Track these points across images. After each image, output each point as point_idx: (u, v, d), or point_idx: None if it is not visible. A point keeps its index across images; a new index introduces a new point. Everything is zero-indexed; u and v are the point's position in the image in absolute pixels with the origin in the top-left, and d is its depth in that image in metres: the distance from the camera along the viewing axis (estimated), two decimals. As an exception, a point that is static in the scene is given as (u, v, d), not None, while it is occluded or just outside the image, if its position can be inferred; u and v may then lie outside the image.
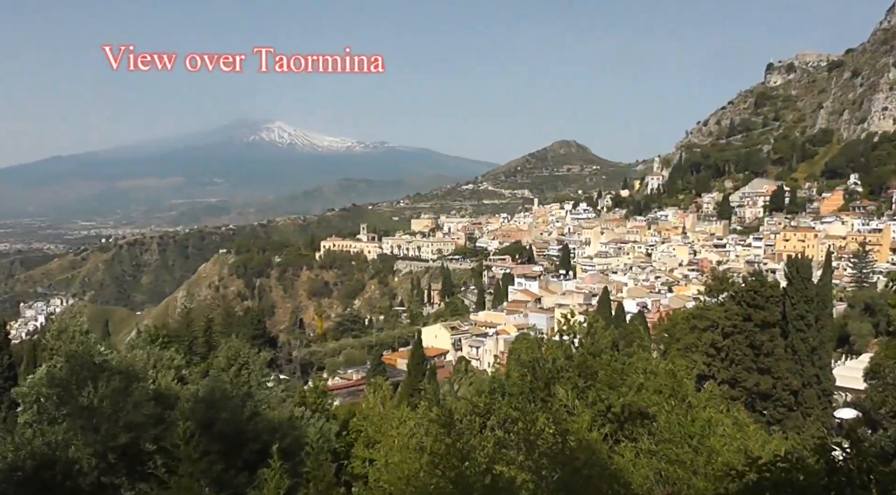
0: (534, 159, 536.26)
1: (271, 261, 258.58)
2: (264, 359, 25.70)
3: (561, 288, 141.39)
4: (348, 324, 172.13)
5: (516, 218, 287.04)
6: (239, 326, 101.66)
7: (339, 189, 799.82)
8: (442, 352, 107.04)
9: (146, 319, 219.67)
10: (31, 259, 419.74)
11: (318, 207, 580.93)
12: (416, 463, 10.66)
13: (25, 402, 19.48)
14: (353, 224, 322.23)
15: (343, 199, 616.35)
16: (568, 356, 19.45)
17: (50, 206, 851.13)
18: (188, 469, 10.44)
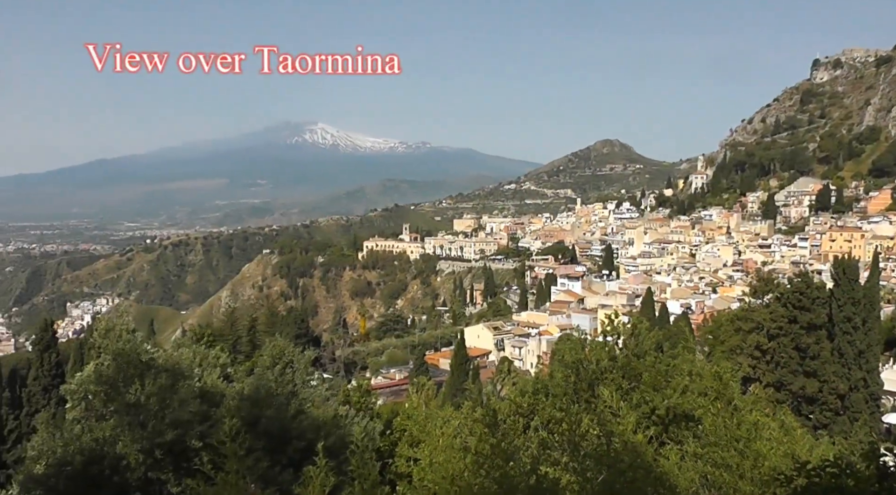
0: (576, 158, 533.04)
1: (314, 261, 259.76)
2: (308, 358, 25.85)
3: (604, 288, 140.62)
4: (391, 323, 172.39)
5: (559, 218, 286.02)
6: (282, 326, 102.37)
7: (382, 189, 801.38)
8: (484, 352, 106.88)
9: (191, 319, 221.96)
10: (77, 260, 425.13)
11: (361, 208, 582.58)
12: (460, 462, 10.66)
13: (74, 399, 19.76)
14: (396, 224, 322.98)
15: (385, 200, 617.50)
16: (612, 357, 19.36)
17: (96, 208, 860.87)
18: (234, 465, 10.53)
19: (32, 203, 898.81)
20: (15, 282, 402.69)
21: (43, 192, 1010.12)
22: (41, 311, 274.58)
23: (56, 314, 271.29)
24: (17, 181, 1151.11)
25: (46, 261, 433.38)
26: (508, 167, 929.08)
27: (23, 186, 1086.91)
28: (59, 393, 56.30)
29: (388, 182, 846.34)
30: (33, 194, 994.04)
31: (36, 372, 65.01)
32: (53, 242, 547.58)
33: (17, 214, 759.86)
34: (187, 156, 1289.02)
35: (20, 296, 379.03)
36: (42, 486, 17.40)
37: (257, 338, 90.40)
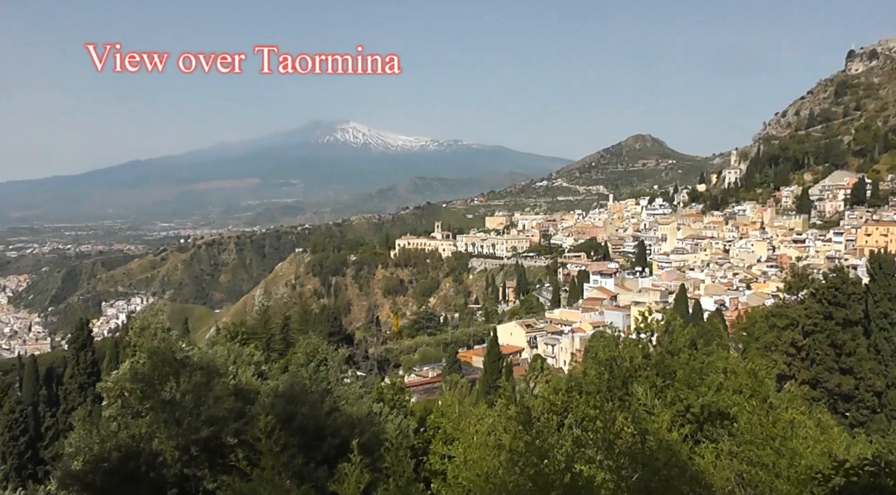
0: (608, 154, 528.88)
1: (347, 259, 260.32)
2: (342, 356, 25.98)
3: (637, 285, 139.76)
4: (423, 321, 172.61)
5: (591, 214, 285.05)
6: (315, 324, 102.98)
7: (413, 187, 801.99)
8: (517, 349, 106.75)
9: (224, 317, 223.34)
10: (112, 259, 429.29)
11: (393, 206, 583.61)
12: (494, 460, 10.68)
13: (110, 396, 19.96)
14: (428, 222, 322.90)
15: (417, 198, 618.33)
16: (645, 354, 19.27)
17: (130, 209, 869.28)
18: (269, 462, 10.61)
19: (68, 204, 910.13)
20: (51, 281, 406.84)
21: (78, 194, 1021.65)
22: (76, 311, 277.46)
23: (91, 313, 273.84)
24: (53, 183, 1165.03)
25: (81, 262, 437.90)
26: (540, 164, 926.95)
27: (58, 188, 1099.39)
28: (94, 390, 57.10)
29: (420, 180, 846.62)
30: (68, 196, 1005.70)
31: (72, 371, 65.79)
32: (88, 243, 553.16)
33: (52, 216, 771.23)
34: (220, 156, 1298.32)
35: (56, 296, 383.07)
36: (79, 482, 17.60)
37: (290, 335, 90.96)
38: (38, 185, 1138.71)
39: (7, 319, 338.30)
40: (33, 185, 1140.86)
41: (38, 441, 57.42)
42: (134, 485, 17.42)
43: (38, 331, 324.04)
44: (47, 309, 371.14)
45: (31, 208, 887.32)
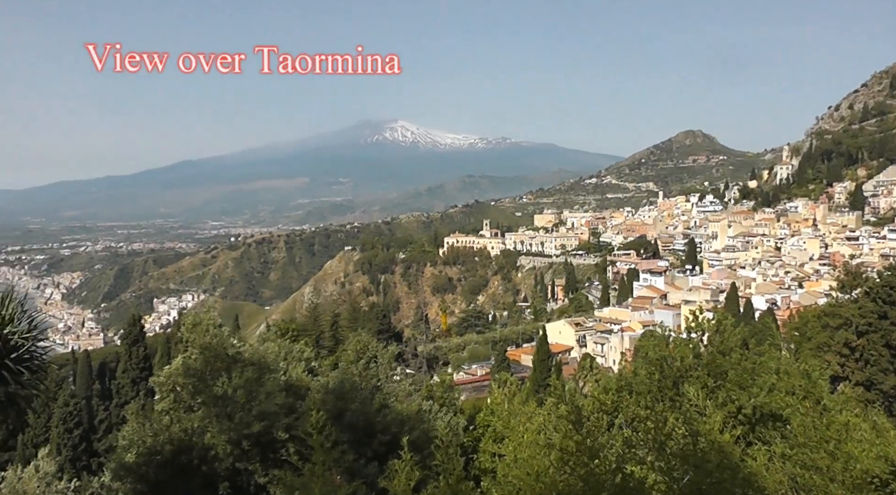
0: (658, 151, 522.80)
1: (395, 257, 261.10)
2: (392, 353, 26.13)
3: (687, 283, 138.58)
4: (472, 319, 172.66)
5: (641, 211, 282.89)
6: (364, 321, 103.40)
7: (462, 186, 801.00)
8: (566, 348, 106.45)
9: (274, 314, 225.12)
10: (163, 257, 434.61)
11: (441, 204, 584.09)
12: (545, 459, 10.66)
13: (162, 391, 20.26)
14: (476, 220, 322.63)
15: (465, 196, 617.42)
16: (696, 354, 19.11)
17: (182, 208, 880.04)
18: (320, 457, 10.69)
19: (120, 204, 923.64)
20: (103, 279, 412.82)
21: (130, 193, 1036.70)
22: (129, 307, 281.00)
23: (143, 310, 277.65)
24: (106, 183, 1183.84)
25: (134, 259, 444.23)
26: (589, 161, 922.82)
27: (111, 188, 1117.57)
28: (147, 385, 58.02)
29: (469, 178, 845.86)
30: (121, 195, 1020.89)
31: (125, 365, 66.81)
32: (140, 241, 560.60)
33: (105, 215, 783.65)
34: (270, 156, 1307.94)
35: (108, 293, 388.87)
36: (133, 474, 17.89)
37: (340, 333, 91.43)
38: (92, 185, 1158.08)
39: (61, 315, 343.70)
40: (87, 185, 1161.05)
41: (91, 433, 58.34)
42: (186, 478, 17.68)
43: (91, 327, 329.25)
44: (100, 305, 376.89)
45: (85, 207, 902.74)
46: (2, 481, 21.59)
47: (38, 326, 12.68)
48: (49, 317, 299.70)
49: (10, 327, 12.17)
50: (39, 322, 12.73)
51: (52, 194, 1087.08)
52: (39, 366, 12.66)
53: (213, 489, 18.04)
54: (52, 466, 23.07)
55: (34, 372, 12.46)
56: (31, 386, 12.52)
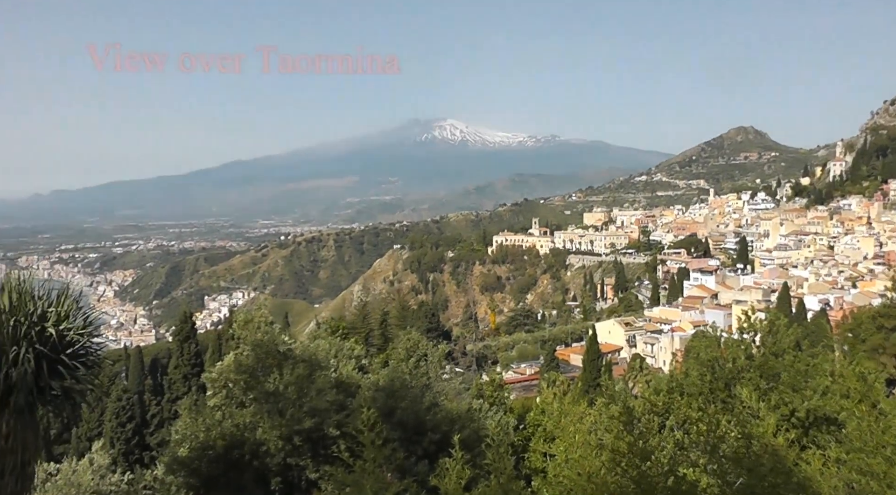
0: (709, 147, 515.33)
1: (444, 256, 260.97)
2: (442, 352, 26.21)
3: (738, 283, 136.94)
4: (521, 318, 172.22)
5: (691, 209, 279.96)
6: (413, 319, 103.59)
7: (511, 184, 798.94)
8: (616, 348, 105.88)
9: (324, 312, 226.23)
10: (214, 256, 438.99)
11: (490, 203, 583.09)
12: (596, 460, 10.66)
13: (214, 387, 20.50)
14: (525, 218, 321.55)
15: (514, 194, 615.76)
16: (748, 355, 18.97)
17: (232, 207, 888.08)
18: (371, 454, 10.76)
19: (172, 203, 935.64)
20: (155, 276, 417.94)
21: (182, 193, 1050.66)
22: (180, 304, 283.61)
23: (194, 307, 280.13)
24: (158, 183, 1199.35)
25: (185, 258, 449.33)
26: (639, 158, 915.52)
27: (163, 188, 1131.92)
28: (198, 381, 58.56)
29: (518, 176, 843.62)
30: (173, 195, 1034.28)
31: (176, 361, 67.58)
32: (191, 239, 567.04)
33: (157, 214, 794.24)
34: (320, 156, 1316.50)
35: (160, 290, 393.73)
36: (186, 468, 18.16)
37: (389, 331, 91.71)
38: (145, 185, 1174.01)
39: (114, 312, 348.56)
40: (140, 185, 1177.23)
41: (143, 428, 59.11)
42: (238, 473, 17.90)
43: (143, 324, 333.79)
44: (152, 302, 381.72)
45: (138, 207, 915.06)
46: (57, 473, 22.00)
47: (93, 323, 12.92)
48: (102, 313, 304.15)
49: (66, 323, 12.40)
50: (94, 319, 12.97)
51: (106, 194, 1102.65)
52: (94, 362, 12.89)
53: (265, 484, 18.24)
54: (106, 459, 23.45)
55: (89, 367, 12.68)
56: (86, 381, 12.75)
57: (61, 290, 12.80)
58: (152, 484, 22.61)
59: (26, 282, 12.49)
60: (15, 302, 12.18)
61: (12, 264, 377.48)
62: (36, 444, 12.55)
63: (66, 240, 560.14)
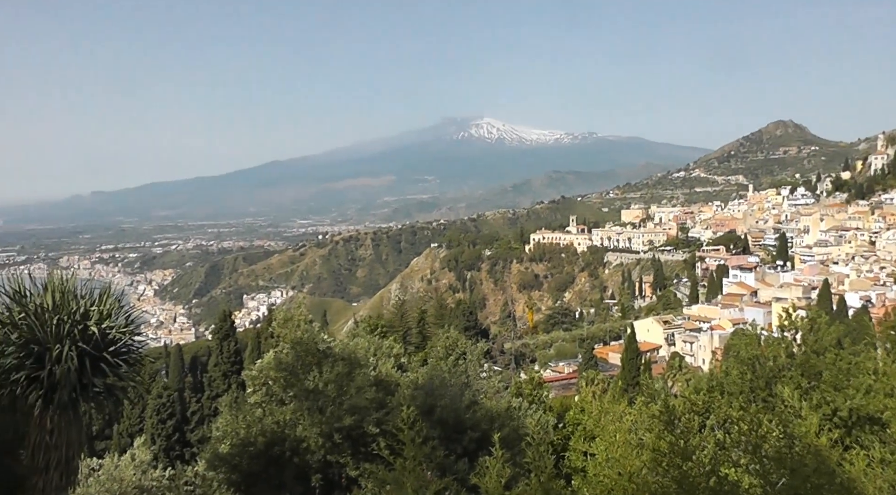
0: (748, 142, 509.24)
1: (481, 254, 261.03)
2: (481, 350, 26.25)
3: (778, 280, 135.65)
4: (559, 316, 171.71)
5: (730, 205, 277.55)
6: (451, 318, 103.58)
7: (548, 181, 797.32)
8: (654, 346, 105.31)
9: (361, 310, 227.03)
10: (253, 255, 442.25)
11: (527, 200, 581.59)
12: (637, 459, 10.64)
13: (254, 384, 20.71)
14: (562, 216, 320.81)
15: (551, 192, 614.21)
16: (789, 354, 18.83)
17: (270, 207, 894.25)
18: (411, 452, 10.81)
19: (210, 203, 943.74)
20: (194, 275, 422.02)
21: (220, 193, 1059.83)
22: (219, 303, 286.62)
23: (233, 305, 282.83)
24: (196, 183, 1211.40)
25: (223, 257, 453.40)
26: (678, 154, 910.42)
27: (201, 188, 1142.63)
28: (238, 378, 59.18)
29: (555, 174, 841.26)
30: (211, 195, 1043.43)
31: (216, 359, 68.24)
32: (230, 239, 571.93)
33: (196, 214, 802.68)
34: (357, 155, 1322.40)
35: (199, 289, 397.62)
36: (227, 464, 18.36)
37: (427, 329, 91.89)
38: (183, 186, 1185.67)
39: (154, 311, 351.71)
40: (178, 186, 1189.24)
41: (184, 424, 59.76)
42: (279, 469, 18.08)
43: (183, 322, 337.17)
44: (191, 301, 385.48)
45: (176, 207, 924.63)
46: (100, 468, 22.30)
47: (134, 321, 13.14)
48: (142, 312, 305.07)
49: (108, 322, 12.62)
50: (135, 317, 13.20)
51: (145, 195, 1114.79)
52: (136, 360, 13.11)
53: (306, 480, 18.41)
54: (148, 455, 23.73)
55: (131, 365, 12.90)
56: (128, 379, 12.97)
57: (103, 289, 13.03)
58: (193, 479, 22.86)
59: (69, 282, 12.71)
60: (58, 301, 12.42)
61: (54, 264, 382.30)
62: (79, 440, 12.77)
63: (106, 241, 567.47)
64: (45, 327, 12.14)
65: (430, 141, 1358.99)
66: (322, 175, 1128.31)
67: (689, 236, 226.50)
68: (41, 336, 12.10)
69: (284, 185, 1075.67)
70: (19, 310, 12.32)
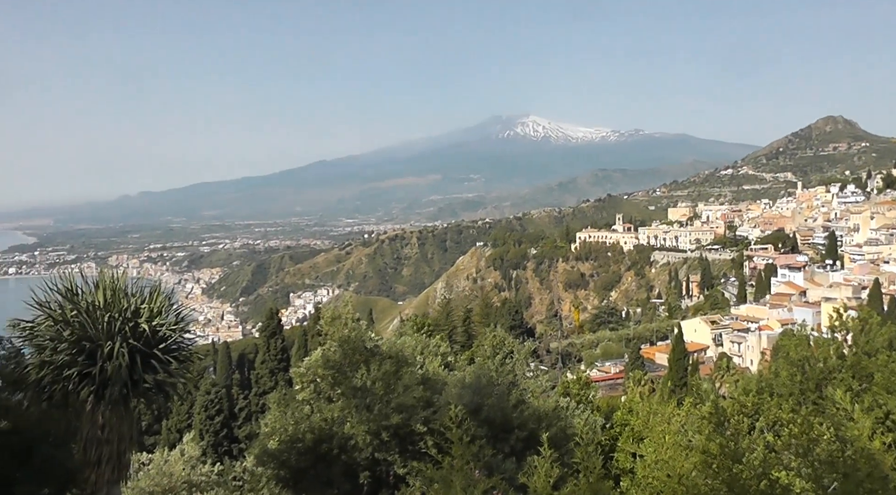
0: (797, 139, 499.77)
1: (527, 253, 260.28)
2: (528, 349, 26.26)
3: (827, 279, 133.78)
4: (605, 316, 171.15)
5: (778, 203, 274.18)
6: (497, 317, 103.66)
7: (594, 179, 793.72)
8: (702, 347, 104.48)
9: (407, 309, 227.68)
10: (299, 254, 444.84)
11: (573, 199, 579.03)
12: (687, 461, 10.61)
13: (302, 381, 20.88)
14: (608, 214, 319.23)
15: (597, 190, 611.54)
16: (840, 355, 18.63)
17: (316, 206, 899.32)
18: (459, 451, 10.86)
19: (257, 203, 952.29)
20: (241, 274, 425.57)
21: (267, 193, 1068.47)
22: (266, 301, 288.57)
23: (280, 304, 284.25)
24: (243, 184, 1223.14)
25: (270, 256, 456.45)
26: (725, 151, 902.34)
27: (248, 188, 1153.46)
28: (285, 375, 59.71)
29: (601, 172, 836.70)
30: (258, 195, 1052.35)
31: (263, 357, 68.98)
32: (276, 238, 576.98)
33: (242, 213, 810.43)
34: (403, 154, 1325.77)
35: (246, 288, 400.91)
36: (275, 460, 18.57)
37: (472, 328, 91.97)
38: (230, 186, 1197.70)
39: (201, 309, 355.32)
40: (225, 186, 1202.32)
41: (231, 420, 60.40)
42: (327, 466, 18.23)
43: (230, 320, 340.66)
44: (238, 299, 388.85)
45: (223, 207, 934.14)
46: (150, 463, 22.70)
47: (184, 319, 13.38)
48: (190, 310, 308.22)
49: (159, 319, 12.88)
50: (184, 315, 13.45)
51: (192, 195, 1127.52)
52: (186, 357, 13.34)
53: (353, 477, 18.54)
54: (197, 450, 24.11)
55: (181, 361, 13.14)
56: (178, 375, 13.20)
57: (153, 288, 13.28)
58: (241, 475, 23.15)
59: (120, 280, 12.96)
60: (109, 298, 12.70)
61: (103, 263, 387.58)
62: (131, 435, 13.04)
63: (154, 240, 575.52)
64: (96, 324, 12.41)
65: (476, 139, 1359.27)
66: (368, 174, 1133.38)
67: (736, 235, 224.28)
68: (93, 333, 12.37)
69: (330, 185, 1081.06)
70: (71, 307, 12.60)
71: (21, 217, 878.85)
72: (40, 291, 12.75)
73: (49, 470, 12.13)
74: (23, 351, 12.85)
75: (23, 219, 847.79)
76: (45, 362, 12.30)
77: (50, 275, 13.85)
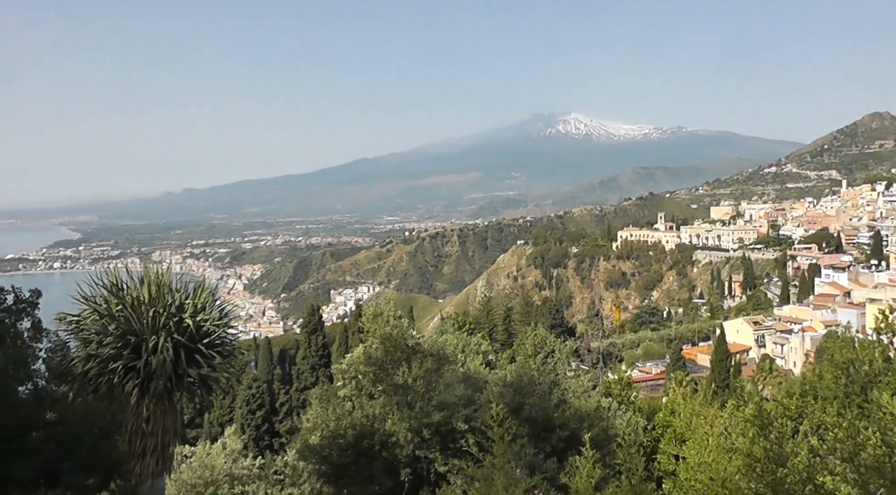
0: (842, 135, 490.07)
1: (568, 251, 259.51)
2: (570, 349, 26.25)
3: (872, 280, 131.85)
4: (646, 315, 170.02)
5: (822, 202, 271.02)
6: (537, 315, 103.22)
7: (636, 177, 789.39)
8: (744, 348, 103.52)
9: (447, 307, 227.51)
10: (340, 251, 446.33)
11: (614, 197, 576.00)
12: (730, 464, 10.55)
13: (343, 378, 21.06)
14: (650, 213, 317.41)
15: (639, 188, 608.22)
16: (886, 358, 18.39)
17: (358, 204, 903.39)
18: (500, 449, 10.89)
19: (298, 200, 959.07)
20: (283, 271, 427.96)
21: (308, 191, 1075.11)
22: (307, 298, 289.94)
23: (321, 300, 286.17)
24: (285, 181, 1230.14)
25: (312, 253, 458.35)
26: (769, 148, 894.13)
27: (289, 186, 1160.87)
28: (326, 371, 60.06)
29: (643, 170, 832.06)
30: (299, 192, 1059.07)
31: (304, 352, 69.35)
32: (318, 235, 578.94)
33: (284, 211, 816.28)
34: (444, 152, 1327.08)
35: (288, 284, 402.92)
36: (317, 455, 18.74)
37: (513, 327, 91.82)
38: (272, 183, 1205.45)
39: (243, 304, 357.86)
40: (267, 184, 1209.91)
41: (272, 415, 60.74)
42: (368, 462, 18.38)
43: (272, 316, 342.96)
44: (280, 295, 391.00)
45: (265, 204, 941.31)
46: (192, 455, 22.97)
47: (228, 315, 13.56)
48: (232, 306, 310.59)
49: (203, 315, 13.05)
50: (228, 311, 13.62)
51: (235, 192, 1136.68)
52: (229, 351, 13.52)
53: (395, 474, 18.67)
54: (238, 444, 24.37)
55: (224, 356, 13.31)
56: (222, 370, 13.38)
57: (198, 283, 13.47)
58: (283, 469, 23.32)
59: (164, 276, 13.18)
60: (154, 294, 12.93)
61: (146, 259, 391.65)
62: (174, 428, 13.26)
63: (197, 236, 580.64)
64: (141, 319, 12.63)
65: (517, 137, 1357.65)
66: (409, 172, 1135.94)
67: (779, 234, 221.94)
68: (138, 327, 12.60)
69: (372, 182, 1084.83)
70: (117, 302, 12.83)
71: (66, 213, 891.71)
72: (86, 286, 13.01)
73: (94, 460, 12.33)
74: (69, 344, 13.09)
75: (68, 215, 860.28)
76: (90, 355, 12.53)
77: (94, 271, 14.11)
